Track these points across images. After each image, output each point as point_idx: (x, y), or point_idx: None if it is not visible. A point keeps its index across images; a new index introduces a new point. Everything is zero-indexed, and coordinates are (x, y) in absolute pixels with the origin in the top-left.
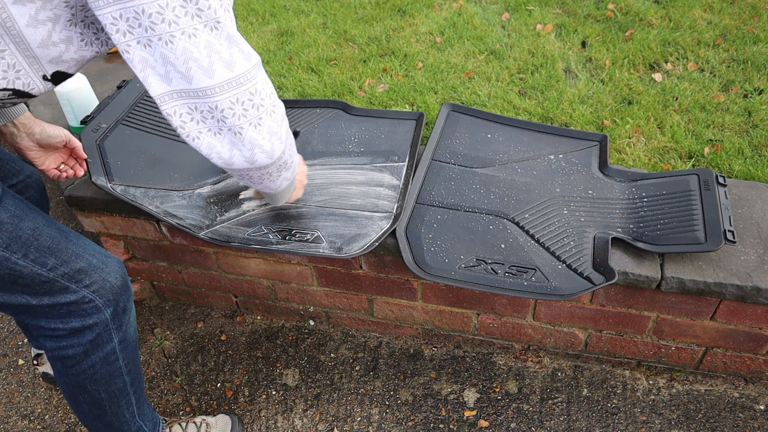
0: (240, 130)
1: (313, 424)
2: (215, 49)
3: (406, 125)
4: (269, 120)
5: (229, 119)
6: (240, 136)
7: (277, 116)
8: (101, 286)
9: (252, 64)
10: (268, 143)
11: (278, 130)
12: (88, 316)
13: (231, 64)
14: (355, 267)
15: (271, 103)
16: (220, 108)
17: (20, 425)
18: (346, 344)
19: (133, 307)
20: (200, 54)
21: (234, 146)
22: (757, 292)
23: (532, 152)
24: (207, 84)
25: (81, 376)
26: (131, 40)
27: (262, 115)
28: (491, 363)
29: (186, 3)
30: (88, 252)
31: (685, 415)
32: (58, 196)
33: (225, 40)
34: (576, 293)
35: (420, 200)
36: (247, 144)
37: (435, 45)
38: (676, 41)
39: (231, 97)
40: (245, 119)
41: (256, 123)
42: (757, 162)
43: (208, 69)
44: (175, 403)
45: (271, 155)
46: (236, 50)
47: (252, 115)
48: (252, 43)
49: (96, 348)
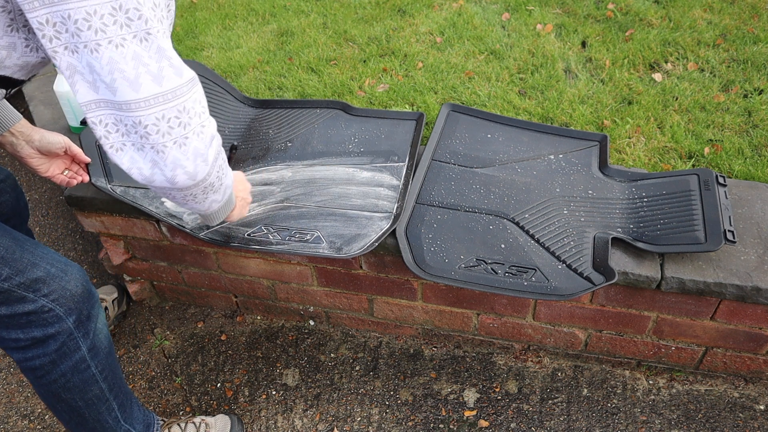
0: (163, 148)
1: (313, 424)
2: (143, 62)
3: (406, 125)
4: (196, 140)
5: (152, 136)
6: (162, 154)
7: (205, 137)
8: (60, 295)
9: (183, 80)
10: (192, 164)
11: (204, 151)
12: (49, 326)
13: (159, 78)
14: (355, 267)
15: (200, 122)
16: (144, 123)
17: (20, 425)
18: (346, 344)
19: (102, 313)
20: (127, 65)
21: (155, 165)
22: (757, 292)
23: (532, 152)
24: (132, 97)
25: (53, 385)
26: (58, 45)
27: (189, 135)
28: (491, 363)
29: (115, 11)
30: (45, 261)
31: (685, 415)
32: (58, 196)
33: (155, 53)
34: (576, 293)
35: (420, 200)
36: (170, 163)
37: (435, 45)
38: (676, 41)
39: (156, 113)
40: (170, 137)
41: (181, 142)
42: (757, 162)
43: (134, 82)
44: (175, 403)
45: (193, 177)
46: (166, 64)
47: (177, 134)
48: (252, 43)
49: (64, 357)
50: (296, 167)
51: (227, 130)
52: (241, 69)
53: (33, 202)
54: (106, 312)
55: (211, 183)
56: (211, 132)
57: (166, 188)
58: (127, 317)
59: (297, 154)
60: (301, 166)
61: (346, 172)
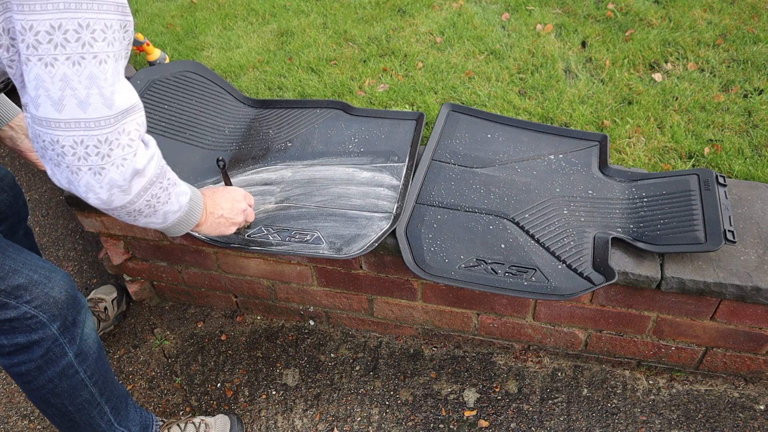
0: (77, 170)
1: (313, 424)
2: (71, 85)
3: (406, 125)
4: (114, 172)
5: (68, 157)
6: (76, 176)
7: (126, 170)
8: (44, 302)
9: (112, 111)
10: (106, 193)
11: (123, 183)
12: (33, 332)
13: (85, 105)
14: (355, 267)
15: (123, 155)
16: (62, 144)
17: (20, 425)
18: (346, 344)
19: (90, 318)
20: (53, 85)
21: (70, 183)
22: (757, 292)
23: (532, 152)
24: (53, 116)
25: (41, 391)
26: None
27: (106, 165)
28: (491, 363)
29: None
30: (28, 267)
31: (685, 415)
32: (58, 196)
33: (86, 79)
34: (576, 293)
35: (420, 200)
36: (82, 186)
37: (435, 45)
38: (676, 41)
39: (75, 137)
40: (85, 163)
41: (96, 171)
42: (757, 162)
43: (57, 103)
44: (175, 403)
45: (107, 204)
46: (96, 92)
47: (93, 162)
48: (252, 43)
49: (50, 363)
50: (296, 167)
51: (227, 130)
52: (241, 69)
53: (33, 202)
54: (105, 312)
55: (138, 209)
56: (134, 166)
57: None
58: (127, 317)
59: (297, 154)
60: (301, 166)
61: (346, 172)
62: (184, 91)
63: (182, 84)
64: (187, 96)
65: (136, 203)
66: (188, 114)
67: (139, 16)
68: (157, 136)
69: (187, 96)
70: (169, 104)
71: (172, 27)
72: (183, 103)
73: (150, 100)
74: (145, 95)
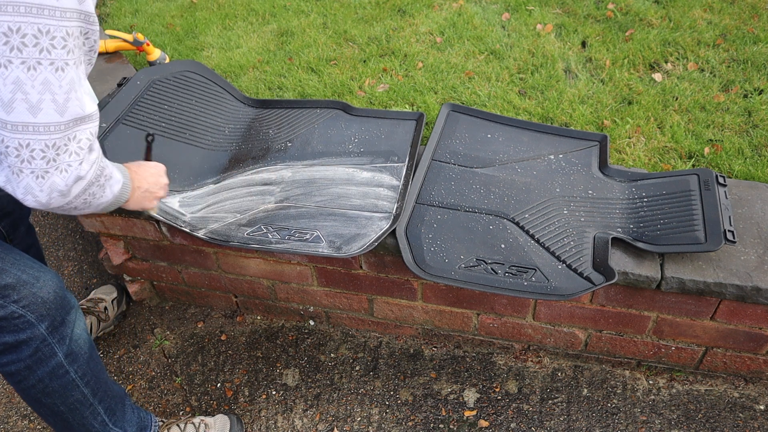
0: (19, 172)
1: (313, 424)
2: (23, 89)
3: (406, 125)
4: (57, 177)
5: (11, 158)
6: (17, 177)
7: (69, 176)
8: (31, 301)
9: (63, 119)
10: (45, 197)
11: (64, 188)
12: (21, 331)
13: (35, 110)
14: (355, 267)
15: (68, 162)
16: (6, 144)
17: (20, 425)
18: (346, 344)
19: (80, 319)
20: (4, 87)
21: (8, 182)
22: (757, 292)
23: (532, 152)
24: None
25: (32, 390)
26: None
27: (50, 170)
28: (491, 363)
29: (10, 32)
30: (17, 267)
31: (685, 415)
32: None
33: (39, 84)
34: (576, 293)
35: (420, 200)
36: (21, 188)
37: (435, 45)
38: (676, 41)
39: (21, 139)
40: (28, 166)
41: (39, 174)
42: (757, 162)
43: (8, 105)
44: (175, 403)
45: (45, 206)
46: (48, 98)
47: (37, 166)
48: (252, 43)
49: (39, 363)
50: (296, 167)
51: (227, 130)
52: (241, 69)
53: None
54: (105, 312)
55: (74, 207)
56: (77, 173)
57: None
58: (127, 317)
59: (297, 154)
60: (301, 166)
61: (346, 172)
62: (184, 91)
63: (182, 84)
64: (187, 96)
65: (73, 203)
66: (188, 114)
67: (139, 16)
68: (157, 136)
69: (187, 96)
70: (169, 104)
71: (172, 27)
72: (183, 103)
73: (150, 100)
74: (145, 95)
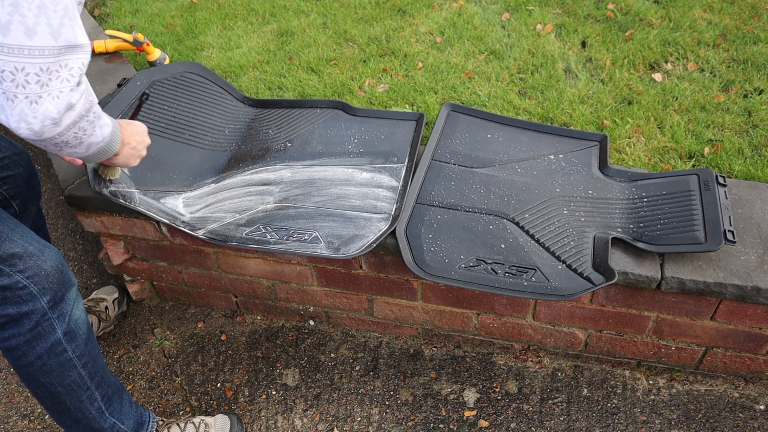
0: (13, 97)
1: (313, 424)
2: (20, 11)
3: (405, 126)
4: (49, 103)
5: (5, 83)
6: (11, 103)
7: (60, 102)
8: (35, 273)
9: (57, 43)
10: (39, 124)
11: (57, 116)
12: (23, 303)
13: (31, 32)
14: (355, 267)
15: (60, 88)
16: (1, 68)
17: (20, 425)
18: (346, 344)
19: (80, 301)
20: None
21: (2, 110)
22: (757, 292)
23: (532, 152)
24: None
25: (30, 368)
26: None
27: (43, 95)
28: (491, 363)
29: None
30: (24, 239)
31: (685, 415)
32: (58, 196)
33: (36, 7)
34: (576, 293)
35: (420, 200)
36: (15, 114)
37: (435, 45)
38: (676, 41)
39: (17, 63)
40: (23, 91)
41: (33, 99)
42: (757, 162)
43: (5, 27)
44: (175, 403)
45: (38, 135)
46: (44, 20)
47: (31, 90)
48: (252, 43)
49: (38, 338)
50: (295, 167)
51: (227, 131)
52: (241, 69)
53: None
54: (106, 311)
55: (65, 141)
56: (68, 100)
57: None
58: (127, 317)
59: (296, 155)
60: (301, 167)
61: (345, 172)
62: (184, 92)
63: (183, 85)
64: (188, 97)
65: (64, 135)
66: (188, 114)
67: (139, 16)
68: (157, 136)
69: (188, 97)
70: (169, 105)
71: (172, 27)
72: (183, 104)
73: (151, 100)
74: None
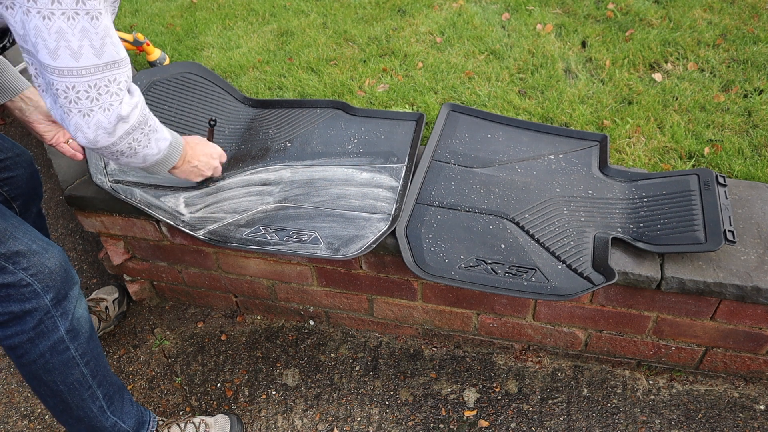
0: (68, 111)
1: (313, 424)
2: (65, 38)
3: (405, 126)
4: (100, 115)
5: (60, 99)
6: (67, 116)
7: (111, 115)
8: (39, 270)
9: (101, 60)
10: (92, 133)
11: (109, 126)
12: (27, 301)
13: (77, 55)
14: (355, 267)
15: (109, 101)
16: (56, 87)
17: (20, 425)
18: (346, 344)
19: (82, 299)
20: (49, 37)
21: (63, 120)
22: (757, 292)
23: (532, 152)
24: (49, 63)
25: (33, 366)
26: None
27: (94, 108)
28: (491, 363)
29: None
30: (28, 237)
31: (685, 415)
32: (58, 196)
33: (78, 32)
34: (576, 293)
35: (420, 200)
36: (72, 125)
37: (435, 45)
38: (676, 41)
39: (68, 82)
40: (75, 106)
41: (85, 112)
42: (757, 162)
43: (53, 52)
44: (175, 403)
45: (93, 143)
46: (87, 44)
47: (83, 105)
48: (252, 43)
49: (41, 336)
50: (295, 167)
51: (227, 131)
52: (241, 69)
53: None
54: (106, 311)
55: (120, 151)
56: (119, 112)
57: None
58: (127, 317)
59: (296, 155)
60: (300, 167)
61: (345, 173)
62: (184, 92)
63: (183, 85)
64: (188, 97)
65: (118, 145)
66: (189, 115)
67: (139, 16)
68: None
69: (188, 97)
70: (169, 105)
71: (172, 27)
72: (183, 104)
73: (151, 101)
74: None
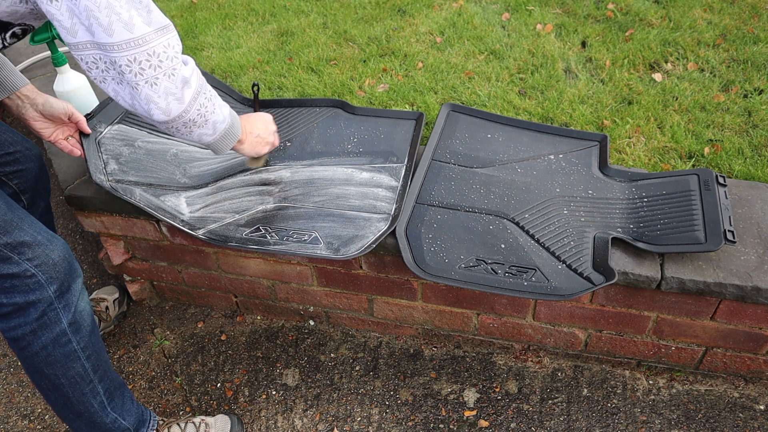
0: (136, 85)
1: (313, 424)
2: (115, 11)
3: (405, 125)
4: (166, 81)
5: (126, 75)
6: (136, 91)
7: (176, 79)
8: (43, 261)
9: (151, 28)
10: (164, 102)
11: (177, 92)
12: (31, 292)
13: (130, 26)
14: (355, 267)
15: (171, 66)
16: (119, 63)
17: (20, 425)
18: (346, 344)
19: (84, 293)
20: (100, 13)
21: (133, 98)
22: (757, 292)
23: (532, 152)
24: (107, 41)
25: (35, 358)
26: None
27: (159, 76)
28: (491, 363)
29: None
30: (33, 228)
31: (685, 415)
32: (58, 196)
33: (125, 3)
34: (576, 293)
35: (420, 200)
36: (143, 99)
37: (435, 45)
38: (676, 41)
39: (129, 55)
40: (141, 77)
41: (152, 82)
42: (757, 162)
43: (108, 28)
44: (175, 403)
45: (167, 113)
46: (135, 13)
47: (149, 75)
48: (252, 43)
49: (44, 328)
50: (295, 167)
51: None
52: (241, 69)
53: None
54: (106, 311)
55: (192, 119)
56: (183, 75)
57: (146, 119)
58: (127, 317)
59: (296, 154)
60: (300, 167)
61: (345, 172)
62: None
63: None
64: None
65: (189, 112)
66: None
67: None
68: (156, 137)
69: None
70: None
71: None
72: None
73: None
74: None
